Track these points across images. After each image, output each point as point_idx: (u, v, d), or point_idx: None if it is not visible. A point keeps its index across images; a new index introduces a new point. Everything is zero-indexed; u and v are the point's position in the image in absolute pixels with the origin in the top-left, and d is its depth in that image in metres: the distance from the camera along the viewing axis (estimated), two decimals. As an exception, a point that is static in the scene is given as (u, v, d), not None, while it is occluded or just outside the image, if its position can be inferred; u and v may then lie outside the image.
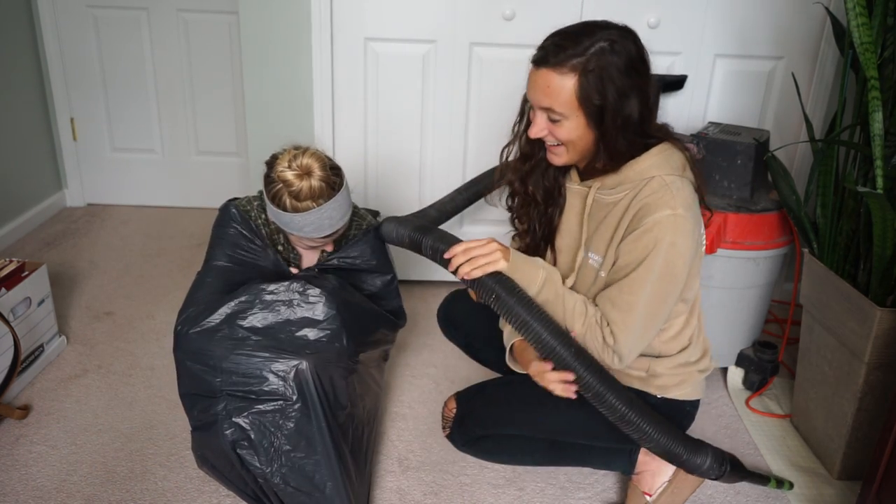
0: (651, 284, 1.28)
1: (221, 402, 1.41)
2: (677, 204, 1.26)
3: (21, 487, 1.56)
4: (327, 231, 1.47)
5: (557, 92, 1.24)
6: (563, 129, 1.28)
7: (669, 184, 1.28)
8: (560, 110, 1.26)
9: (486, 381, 1.61)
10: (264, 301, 1.42)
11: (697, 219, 1.31)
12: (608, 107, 1.24)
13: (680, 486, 1.52)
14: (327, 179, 1.43)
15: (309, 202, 1.42)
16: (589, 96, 1.23)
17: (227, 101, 3.00)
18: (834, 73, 2.20)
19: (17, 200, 2.79)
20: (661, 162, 1.31)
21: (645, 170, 1.30)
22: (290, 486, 1.40)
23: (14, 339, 1.75)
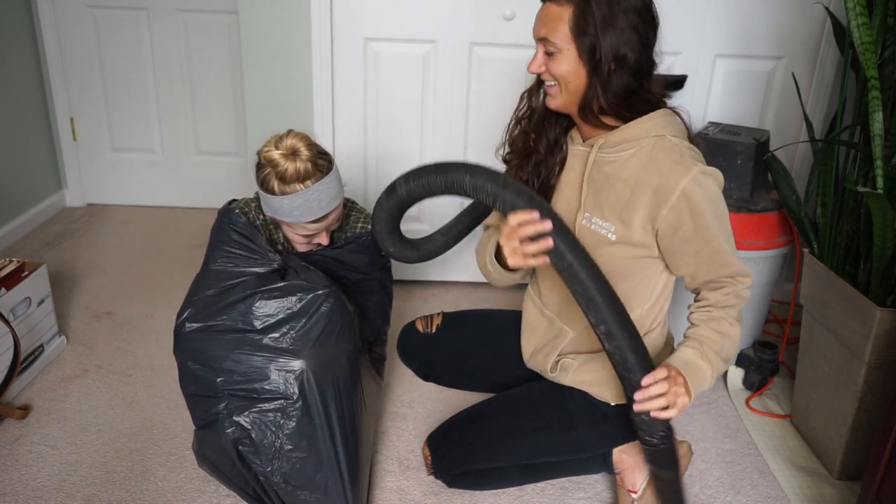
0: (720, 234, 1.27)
1: (223, 401, 1.41)
2: (690, 164, 1.24)
3: (21, 487, 1.56)
4: (316, 213, 1.46)
5: (554, 22, 1.24)
6: (557, 63, 1.26)
7: (678, 144, 1.26)
8: (554, 40, 1.24)
9: (447, 421, 1.59)
10: (265, 300, 1.42)
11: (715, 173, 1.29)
12: (601, 44, 1.21)
13: None
14: (313, 160, 1.44)
15: (296, 184, 1.43)
16: (582, 29, 1.21)
17: (227, 101, 3.00)
18: (834, 73, 2.21)
19: (17, 200, 2.79)
20: (666, 122, 1.29)
21: (652, 128, 1.28)
22: (290, 486, 1.40)
23: (14, 339, 1.75)
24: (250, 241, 1.51)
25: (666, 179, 1.24)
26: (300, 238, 1.55)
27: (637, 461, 1.52)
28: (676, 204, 1.24)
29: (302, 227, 1.51)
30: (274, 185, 1.44)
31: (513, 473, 1.60)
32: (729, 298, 1.31)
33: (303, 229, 1.51)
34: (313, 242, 1.58)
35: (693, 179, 1.23)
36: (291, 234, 1.55)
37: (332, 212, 1.51)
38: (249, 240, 1.51)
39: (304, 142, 1.44)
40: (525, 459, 1.55)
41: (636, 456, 1.52)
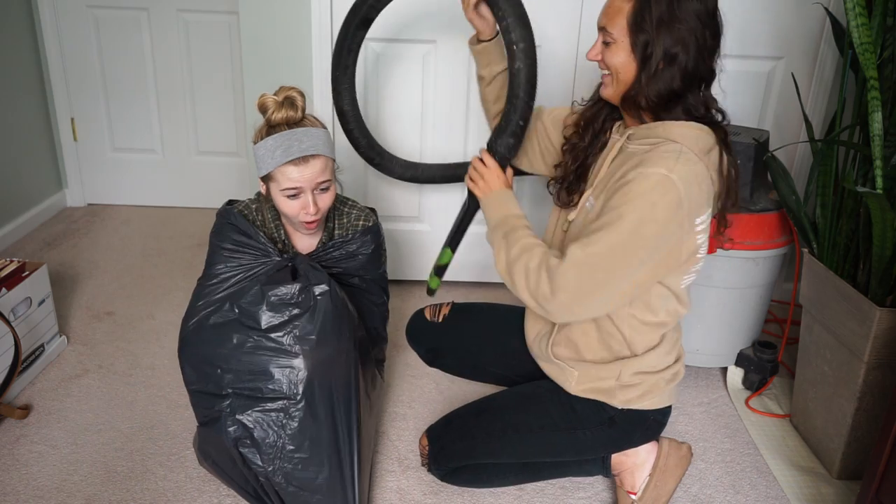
0: (615, 237, 1.23)
1: (226, 399, 1.42)
2: (674, 168, 1.21)
3: (22, 487, 1.56)
4: (296, 153, 1.46)
5: (615, 13, 1.28)
6: (612, 54, 1.30)
7: (682, 153, 1.24)
8: (612, 31, 1.28)
9: (450, 413, 1.61)
10: (269, 300, 1.42)
11: (692, 203, 1.24)
12: (654, 41, 1.23)
13: (662, 479, 1.51)
14: (303, 109, 1.50)
15: (283, 126, 1.48)
16: (639, 24, 1.24)
17: (227, 101, 3.00)
18: (834, 73, 2.21)
19: (17, 200, 2.79)
20: (691, 134, 1.27)
21: (673, 132, 1.27)
22: (291, 486, 1.40)
23: (14, 339, 1.75)
24: (250, 238, 1.52)
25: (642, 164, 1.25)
26: (290, 206, 1.52)
27: (637, 462, 1.53)
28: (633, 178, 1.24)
29: (284, 177, 1.48)
30: (263, 132, 1.49)
31: (510, 471, 1.60)
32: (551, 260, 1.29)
33: (285, 179, 1.48)
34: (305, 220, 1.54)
35: (663, 175, 1.21)
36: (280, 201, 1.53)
37: (313, 158, 1.48)
38: (249, 237, 1.52)
39: (298, 94, 1.50)
40: (527, 457, 1.54)
41: (635, 457, 1.53)
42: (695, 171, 1.24)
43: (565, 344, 1.45)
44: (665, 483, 1.52)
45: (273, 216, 1.64)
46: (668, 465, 1.52)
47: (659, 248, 1.25)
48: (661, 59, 1.24)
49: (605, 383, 1.42)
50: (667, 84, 1.26)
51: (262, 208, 1.65)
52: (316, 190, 1.52)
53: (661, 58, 1.24)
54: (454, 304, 1.77)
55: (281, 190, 1.51)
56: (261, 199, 1.66)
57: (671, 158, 1.23)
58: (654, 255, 1.25)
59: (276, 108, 1.48)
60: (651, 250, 1.25)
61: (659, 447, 1.54)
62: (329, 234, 1.68)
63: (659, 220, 1.22)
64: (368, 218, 1.69)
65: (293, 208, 1.52)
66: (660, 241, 1.24)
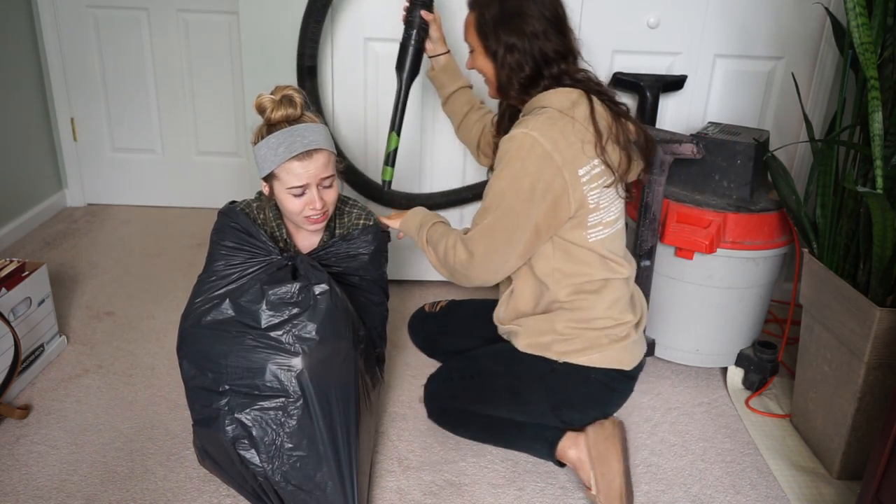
0: (499, 198, 1.43)
1: (225, 397, 1.41)
2: (535, 126, 1.40)
3: (21, 487, 1.56)
4: (299, 148, 1.47)
5: (467, 26, 1.53)
6: (475, 61, 1.55)
7: (544, 112, 1.43)
8: (469, 41, 1.54)
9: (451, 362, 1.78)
10: (269, 299, 1.42)
11: (563, 155, 1.40)
12: (496, 39, 1.45)
13: (604, 466, 1.53)
14: (301, 107, 1.52)
15: (283, 124, 1.49)
16: (482, 28, 1.48)
17: (227, 101, 3.01)
18: (834, 73, 2.21)
19: (17, 200, 2.79)
20: (556, 97, 1.45)
21: (542, 100, 1.46)
22: (290, 485, 1.40)
23: (14, 339, 1.75)
24: (251, 236, 1.52)
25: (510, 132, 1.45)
26: (294, 203, 1.53)
27: (577, 458, 1.58)
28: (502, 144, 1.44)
29: (288, 174, 1.49)
30: (263, 131, 1.51)
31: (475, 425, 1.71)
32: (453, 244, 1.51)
33: (290, 176, 1.49)
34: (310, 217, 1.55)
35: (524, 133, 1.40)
36: (285, 199, 1.53)
37: (317, 152, 1.50)
38: (251, 236, 1.52)
39: (295, 91, 1.52)
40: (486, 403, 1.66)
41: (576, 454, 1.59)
42: (557, 126, 1.41)
43: (512, 308, 1.61)
44: (609, 467, 1.53)
45: (275, 215, 1.65)
46: (601, 450, 1.54)
47: (542, 197, 1.41)
48: (505, 51, 1.46)
49: (544, 338, 1.55)
50: (519, 70, 1.46)
51: (264, 207, 1.65)
52: (320, 185, 1.53)
53: (504, 51, 1.46)
54: (451, 300, 1.99)
55: (287, 188, 1.51)
56: (262, 198, 1.66)
57: (532, 119, 1.42)
58: (539, 204, 1.41)
59: (274, 107, 1.49)
60: (534, 201, 1.41)
61: (585, 438, 1.58)
62: (330, 234, 1.68)
63: (530, 172, 1.40)
64: (369, 217, 1.70)
65: (298, 205, 1.53)
66: (539, 191, 1.41)
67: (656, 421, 1.88)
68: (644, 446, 1.79)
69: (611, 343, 1.54)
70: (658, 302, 2.03)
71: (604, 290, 1.53)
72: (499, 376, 1.62)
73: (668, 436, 1.83)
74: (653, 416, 1.90)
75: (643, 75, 2.18)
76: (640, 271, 1.96)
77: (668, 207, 1.92)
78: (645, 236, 1.92)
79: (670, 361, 2.11)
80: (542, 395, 1.58)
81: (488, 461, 1.71)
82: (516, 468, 1.69)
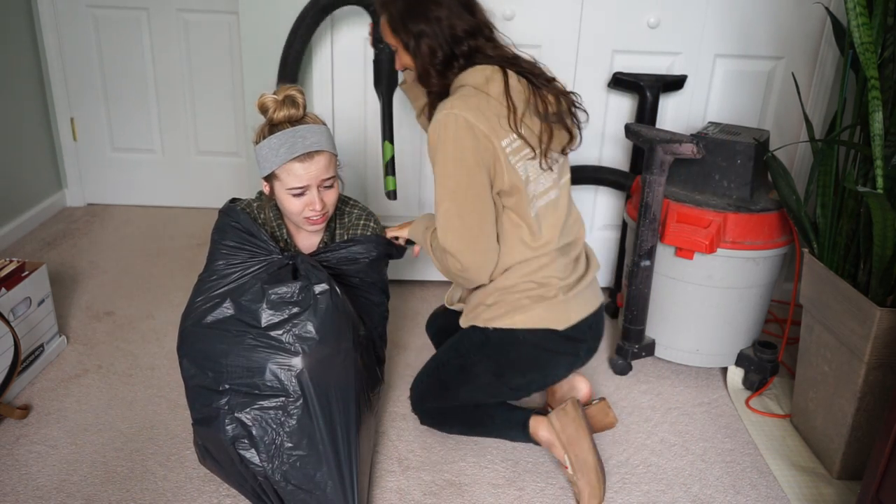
0: (449, 182, 1.45)
1: (225, 396, 1.41)
2: (453, 104, 1.43)
3: (21, 487, 1.56)
4: (300, 149, 1.48)
5: (384, 28, 1.55)
6: (399, 59, 1.57)
7: (460, 91, 1.47)
8: (389, 42, 1.56)
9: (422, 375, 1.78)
10: (269, 298, 1.42)
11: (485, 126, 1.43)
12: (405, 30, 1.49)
13: (575, 446, 1.58)
14: (303, 108, 1.52)
15: (285, 124, 1.50)
16: (394, 26, 1.51)
17: (227, 101, 3.00)
18: (834, 73, 2.21)
19: (17, 200, 2.79)
20: (471, 75, 1.48)
21: (459, 80, 1.50)
22: (290, 484, 1.40)
23: (14, 339, 1.75)
24: (252, 236, 1.52)
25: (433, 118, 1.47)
26: (295, 204, 1.53)
27: (548, 439, 1.63)
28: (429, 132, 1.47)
29: (289, 175, 1.50)
30: (265, 131, 1.51)
31: (455, 420, 1.75)
32: None
33: (291, 177, 1.50)
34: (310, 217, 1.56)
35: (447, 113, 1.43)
36: (285, 199, 1.54)
37: (318, 153, 1.51)
38: (252, 235, 1.52)
39: (297, 92, 1.52)
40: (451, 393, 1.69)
41: (547, 435, 1.63)
42: (474, 101, 1.44)
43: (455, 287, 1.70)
44: (580, 447, 1.58)
45: (275, 214, 1.65)
46: (570, 434, 1.59)
47: (486, 164, 1.45)
48: (417, 40, 1.49)
49: (476, 310, 1.60)
50: (432, 55, 1.49)
51: (265, 207, 1.65)
52: (321, 187, 1.53)
53: (416, 40, 1.49)
54: None
55: (287, 189, 1.51)
56: (263, 197, 1.66)
57: (450, 100, 1.45)
58: (486, 172, 1.45)
59: (276, 107, 1.50)
60: (482, 170, 1.45)
61: (549, 424, 1.63)
62: (331, 235, 1.68)
63: (467, 146, 1.43)
64: (370, 217, 1.70)
65: (298, 206, 1.53)
66: (481, 160, 1.44)
67: (656, 421, 1.88)
68: (644, 446, 1.79)
69: (533, 303, 1.54)
70: (658, 302, 2.03)
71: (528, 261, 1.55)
72: (450, 361, 1.68)
73: (668, 436, 1.83)
74: (653, 416, 1.90)
75: (643, 75, 2.18)
76: (641, 271, 1.96)
77: (668, 207, 1.92)
78: (645, 236, 1.92)
79: (670, 361, 2.11)
80: (484, 364, 1.62)
81: (488, 461, 1.71)
82: (516, 468, 1.69)
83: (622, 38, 2.20)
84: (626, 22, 2.18)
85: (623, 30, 2.18)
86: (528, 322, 1.55)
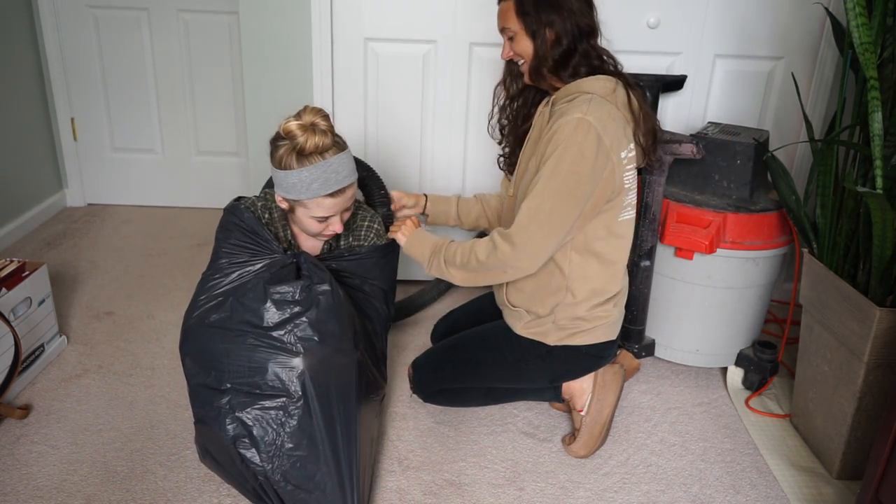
0: (556, 181, 1.47)
1: (226, 395, 1.42)
2: (589, 111, 1.46)
3: (22, 487, 1.56)
4: (334, 185, 1.47)
5: (505, 12, 1.58)
6: (517, 45, 1.58)
7: (593, 98, 1.49)
8: (509, 26, 1.57)
9: (429, 349, 1.89)
10: (271, 298, 1.42)
11: (611, 138, 1.47)
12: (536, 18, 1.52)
13: (602, 394, 1.74)
14: (331, 133, 1.48)
15: (315, 156, 1.45)
16: (524, 10, 1.53)
17: (227, 101, 3.01)
18: (834, 73, 2.21)
19: (17, 200, 2.79)
20: (597, 83, 1.53)
21: (583, 85, 1.53)
22: (290, 484, 1.40)
23: (15, 338, 1.75)
24: (256, 235, 1.52)
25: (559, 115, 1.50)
26: (314, 225, 1.54)
27: (582, 387, 1.76)
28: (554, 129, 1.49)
29: (318, 207, 1.50)
30: (292, 160, 1.45)
31: (477, 395, 1.86)
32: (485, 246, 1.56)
33: (319, 208, 1.50)
34: (325, 233, 1.57)
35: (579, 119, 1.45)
36: (305, 220, 1.54)
37: (348, 187, 1.51)
38: (255, 234, 1.52)
39: (322, 117, 1.48)
40: (485, 384, 1.81)
41: (581, 383, 1.76)
42: (606, 109, 1.49)
43: (516, 291, 1.69)
44: (605, 396, 1.74)
45: (280, 215, 1.65)
46: (606, 381, 1.75)
47: (596, 180, 1.48)
48: (545, 28, 1.52)
49: (543, 327, 1.66)
50: (557, 45, 1.53)
51: (269, 206, 1.65)
52: (343, 211, 1.54)
53: (545, 27, 1.52)
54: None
55: (312, 216, 1.52)
56: (268, 197, 1.66)
57: (584, 104, 1.48)
58: (593, 188, 1.49)
59: (306, 136, 1.43)
60: (590, 184, 1.48)
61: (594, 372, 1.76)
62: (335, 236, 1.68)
63: (588, 156, 1.46)
64: (374, 219, 1.71)
65: (318, 228, 1.56)
66: (595, 174, 1.48)
67: (656, 421, 1.88)
68: (644, 446, 1.79)
69: (600, 325, 1.67)
70: (658, 302, 2.03)
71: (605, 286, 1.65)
72: (497, 363, 1.73)
73: (668, 436, 1.83)
74: (653, 416, 1.91)
75: (643, 75, 2.18)
76: (640, 271, 1.96)
77: (667, 207, 1.92)
78: (645, 236, 1.93)
79: (670, 361, 2.11)
80: (542, 373, 1.73)
81: (488, 461, 1.71)
82: (516, 468, 1.69)
83: (622, 38, 2.20)
84: (625, 22, 2.18)
85: (623, 30, 2.18)
86: (592, 339, 1.68)
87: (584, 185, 1.47)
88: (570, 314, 1.64)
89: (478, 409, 1.88)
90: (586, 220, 1.55)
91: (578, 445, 1.72)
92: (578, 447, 1.72)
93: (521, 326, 1.69)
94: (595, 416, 1.72)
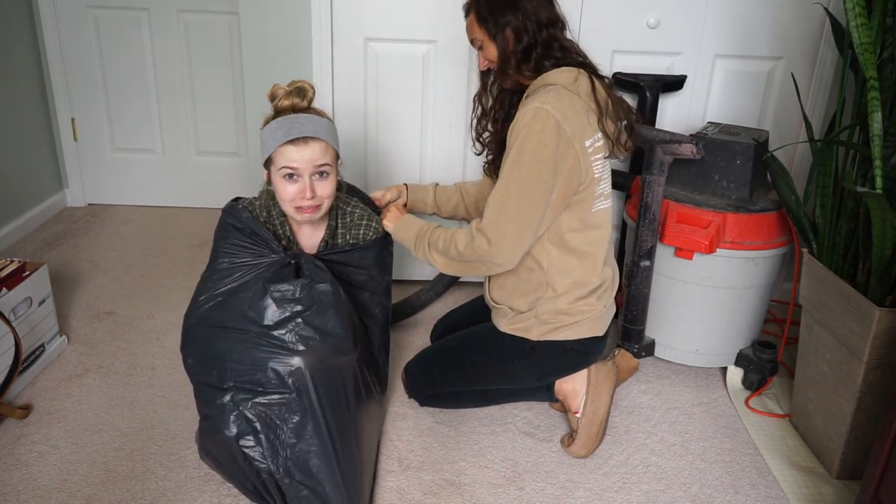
0: (519, 170, 1.48)
1: (228, 393, 1.42)
2: (546, 100, 1.47)
3: (22, 487, 1.57)
4: (296, 133, 1.50)
5: (470, 25, 1.63)
6: (486, 52, 1.63)
7: (553, 88, 1.51)
8: (476, 36, 1.62)
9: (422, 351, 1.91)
10: (271, 297, 1.43)
11: (573, 126, 1.49)
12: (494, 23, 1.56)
13: (596, 394, 1.74)
14: (310, 101, 1.56)
15: (287, 112, 1.53)
16: (483, 18, 1.58)
17: (228, 101, 3.01)
18: (833, 73, 2.21)
19: (17, 200, 2.80)
20: (560, 75, 1.55)
21: (547, 78, 1.55)
22: (294, 480, 1.40)
23: (15, 338, 1.75)
24: (255, 234, 1.52)
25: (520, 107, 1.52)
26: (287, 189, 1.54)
27: (574, 388, 1.77)
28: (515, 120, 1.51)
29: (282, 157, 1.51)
30: (269, 118, 1.55)
31: (471, 398, 1.87)
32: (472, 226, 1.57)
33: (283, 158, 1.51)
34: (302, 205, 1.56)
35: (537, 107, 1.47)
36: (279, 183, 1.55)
37: (313, 140, 1.52)
38: (254, 234, 1.52)
39: (309, 86, 1.56)
40: (475, 386, 1.83)
41: (573, 384, 1.77)
42: (566, 98, 1.50)
43: (498, 288, 1.71)
44: (599, 396, 1.74)
45: (278, 212, 1.65)
46: (599, 380, 1.75)
47: (559, 168, 1.49)
48: (504, 29, 1.56)
49: (526, 322, 1.67)
50: (518, 42, 1.56)
51: (267, 205, 1.66)
52: (314, 175, 1.54)
53: (503, 29, 1.56)
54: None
55: (279, 169, 1.53)
56: (266, 196, 1.66)
57: (543, 94, 1.50)
58: (557, 175, 1.50)
59: (283, 96, 1.54)
60: (553, 171, 1.49)
61: (588, 370, 1.76)
62: (332, 233, 1.68)
63: (548, 144, 1.47)
64: (371, 217, 1.71)
65: (290, 192, 1.54)
66: (556, 162, 1.48)
67: (656, 421, 1.89)
68: (644, 446, 1.79)
69: (583, 320, 1.66)
70: (658, 302, 2.03)
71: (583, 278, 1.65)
72: (484, 364, 1.74)
73: (668, 436, 1.83)
74: (653, 416, 1.91)
75: (643, 75, 2.19)
76: (640, 271, 1.96)
77: (667, 207, 1.92)
78: (645, 236, 1.93)
79: (670, 361, 2.11)
80: (527, 370, 1.73)
81: (488, 461, 1.71)
82: (516, 468, 1.70)
83: (622, 38, 2.20)
84: (625, 22, 2.18)
85: (623, 30, 2.19)
86: (576, 334, 1.67)
87: (547, 174, 1.48)
88: (551, 308, 1.64)
89: (477, 409, 1.89)
90: (557, 211, 1.56)
91: (577, 446, 1.73)
92: (577, 448, 1.73)
93: (505, 323, 1.70)
94: (591, 417, 1.73)
